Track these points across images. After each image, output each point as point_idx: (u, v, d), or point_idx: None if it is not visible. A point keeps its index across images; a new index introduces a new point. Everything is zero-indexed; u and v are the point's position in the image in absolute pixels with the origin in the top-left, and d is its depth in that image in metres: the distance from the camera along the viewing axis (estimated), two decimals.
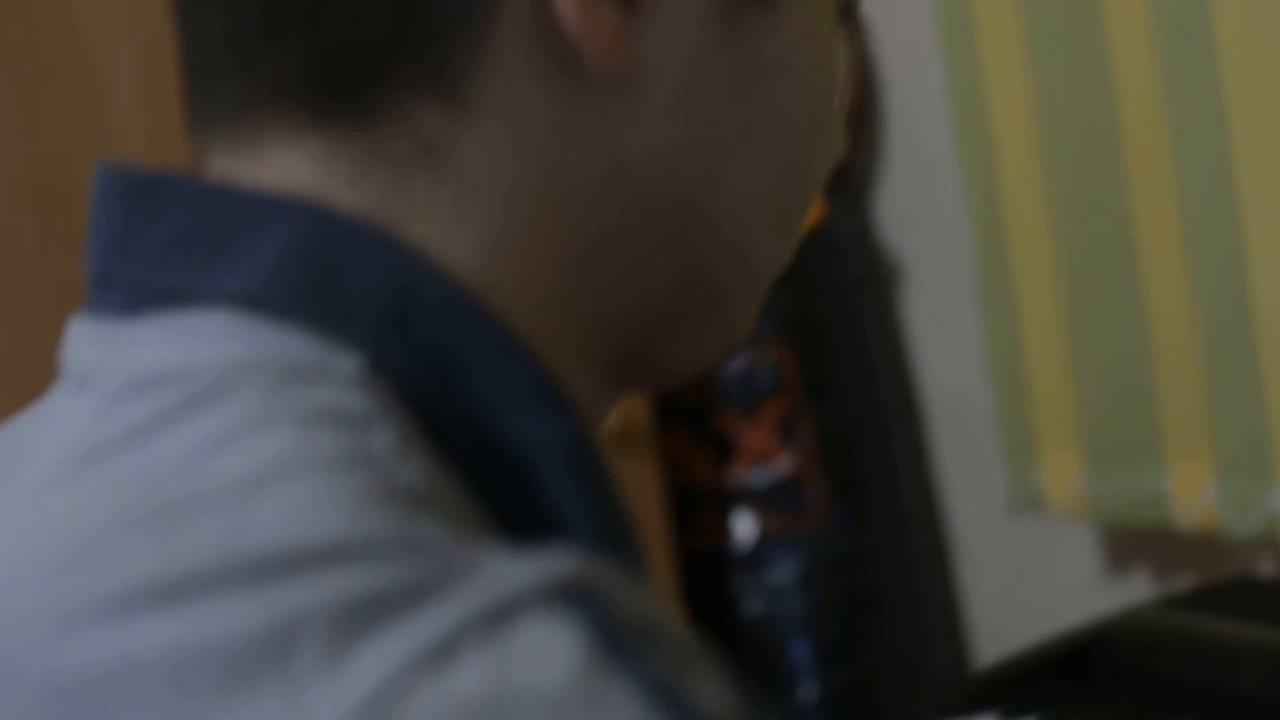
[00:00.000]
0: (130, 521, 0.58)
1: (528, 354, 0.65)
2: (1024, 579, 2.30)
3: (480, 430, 0.63)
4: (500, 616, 0.52)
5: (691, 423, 2.40)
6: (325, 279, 0.63)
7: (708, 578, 2.39)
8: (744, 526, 2.38)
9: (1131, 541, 2.17)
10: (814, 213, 2.41)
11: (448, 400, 0.63)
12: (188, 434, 0.59)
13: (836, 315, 2.45)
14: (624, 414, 2.28)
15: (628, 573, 0.56)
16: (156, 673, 0.53)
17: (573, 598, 0.53)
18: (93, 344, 0.66)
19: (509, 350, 0.64)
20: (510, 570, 0.54)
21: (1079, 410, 2.05)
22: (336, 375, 0.61)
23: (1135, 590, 2.09)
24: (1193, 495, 1.91)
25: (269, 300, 0.63)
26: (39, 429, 0.67)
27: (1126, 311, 1.98)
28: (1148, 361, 1.96)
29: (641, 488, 2.30)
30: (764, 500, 2.38)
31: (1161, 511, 1.95)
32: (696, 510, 2.41)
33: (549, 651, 0.51)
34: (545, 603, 0.53)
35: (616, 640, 0.52)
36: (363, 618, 0.52)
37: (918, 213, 2.44)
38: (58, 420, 0.66)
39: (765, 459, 2.38)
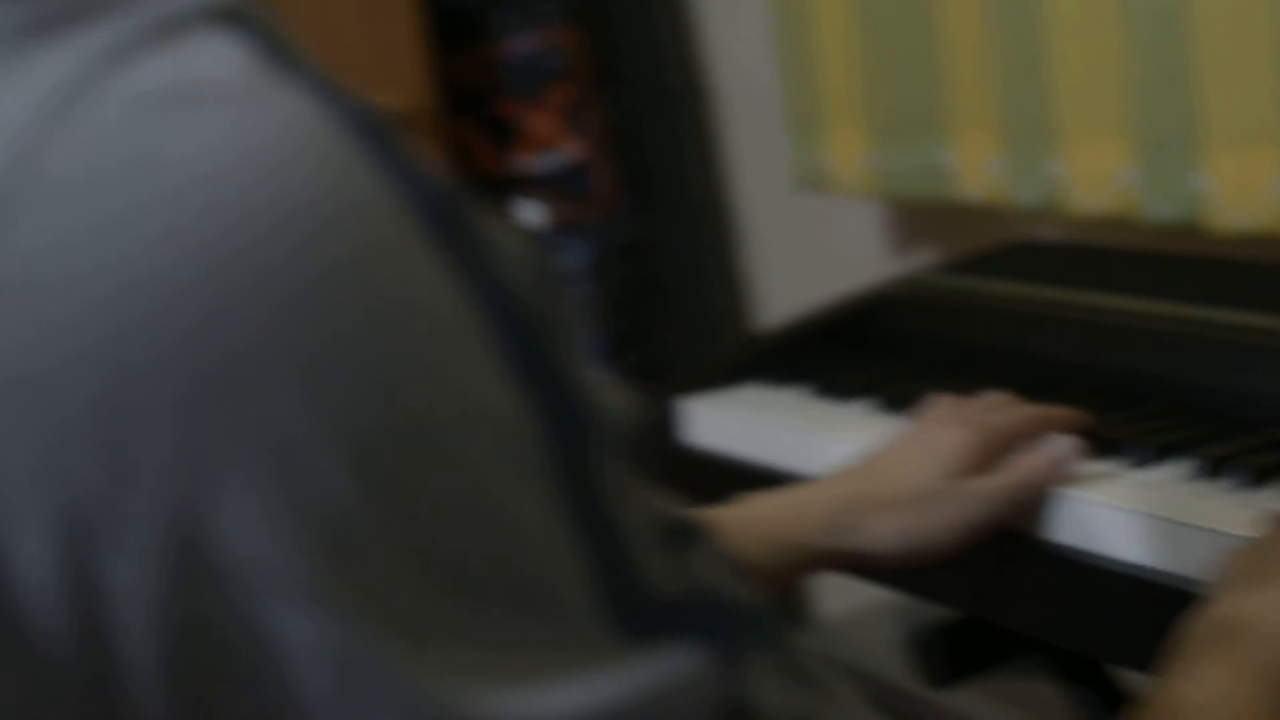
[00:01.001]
0: None
1: None
2: (813, 260, 2.29)
3: None
4: (172, 28, 0.56)
5: (474, 109, 2.35)
6: None
7: None
8: (531, 214, 2.34)
9: (919, 217, 2.16)
10: None
11: None
12: None
13: None
14: (404, 100, 2.21)
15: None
16: None
17: (236, 20, 0.57)
18: None
19: None
20: None
21: (864, 87, 2.02)
22: None
23: (924, 265, 2.08)
24: (976, 167, 1.90)
25: None
26: None
27: None
28: (931, 36, 1.93)
29: None
30: (550, 188, 2.34)
31: (946, 184, 1.94)
32: (482, 198, 2.36)
33: (222, 55, 0.56)
34: (211, 21, 0.57)
35: (280, 54, 0.57)
36: (37, 31, 0.55)
37: None
38: None
39: (551, 145, 2.33)
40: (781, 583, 1.12)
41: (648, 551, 0.57)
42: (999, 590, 1.18)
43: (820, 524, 1.11)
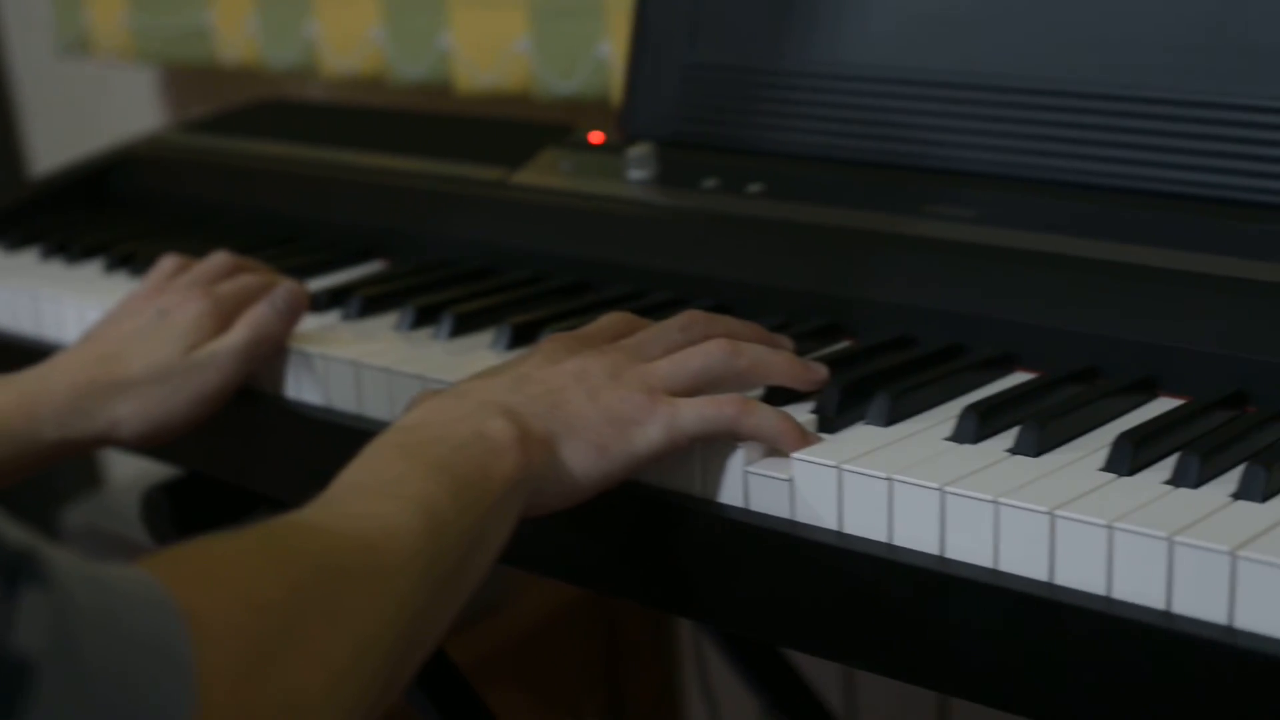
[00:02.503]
0: None
1: None
2: (91, 126, 2.25)
3: None
4: None
5: None
6: None
7: None
8: None
9: (191, 80, 2.15)
10: None
11: None
12: None
13: None
14: None
15: None
16: None
17: None
18: None
19: None
20: None
21: None
22: None
23: None
24: (236, 28, 1.90)
25: None
26: None
27: None
28: None
29: None
30: None
31: (207, 46, 1.93)
32: None
33: None
34: None
35: None
36: None
37: None
38: None
39: None
40: (17, 475, 1.11)
41: None
42: (230, 448, 1.19)
43: (53, 415, 1.10)
